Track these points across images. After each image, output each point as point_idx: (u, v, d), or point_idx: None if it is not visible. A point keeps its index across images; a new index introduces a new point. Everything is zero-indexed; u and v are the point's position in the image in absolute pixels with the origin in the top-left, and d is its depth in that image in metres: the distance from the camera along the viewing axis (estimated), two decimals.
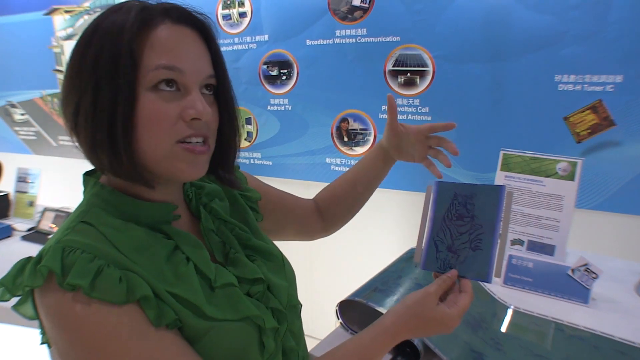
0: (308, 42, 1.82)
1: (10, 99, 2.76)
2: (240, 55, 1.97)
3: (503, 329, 0.84)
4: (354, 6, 1.69)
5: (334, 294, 1.10)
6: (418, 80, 1.65)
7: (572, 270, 0.97)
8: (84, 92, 0.50)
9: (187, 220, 0.64)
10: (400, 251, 1.15)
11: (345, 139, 1.85)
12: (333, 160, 1.90)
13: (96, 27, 0.51)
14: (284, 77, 1.91)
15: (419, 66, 1.64)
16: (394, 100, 0.82)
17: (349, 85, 1.78)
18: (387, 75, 1.70)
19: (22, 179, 1.90)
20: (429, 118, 1.67)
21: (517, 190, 1.18)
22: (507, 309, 0.91)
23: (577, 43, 1.40)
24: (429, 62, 1.62)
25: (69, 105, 0.52)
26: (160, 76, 0.50)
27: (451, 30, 1.56)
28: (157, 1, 0.55)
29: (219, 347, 0.54)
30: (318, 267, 2.11)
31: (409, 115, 1.70)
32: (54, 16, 2.45)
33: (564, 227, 1.12)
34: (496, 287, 1.01)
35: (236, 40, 1.96)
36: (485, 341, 0.78)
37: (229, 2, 1.93)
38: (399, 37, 1.65)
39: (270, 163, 2.03)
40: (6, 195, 1.88)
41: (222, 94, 0.58)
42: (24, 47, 2.60)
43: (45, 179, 1.95)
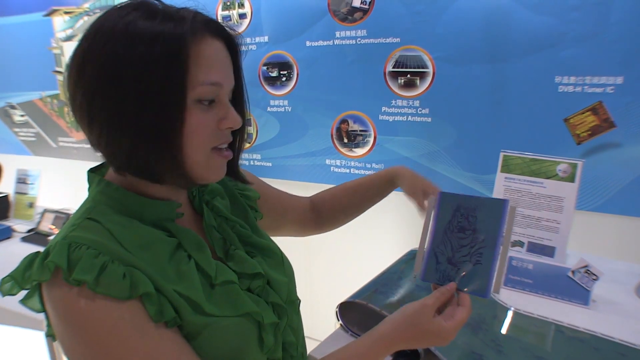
0: (308, 43, 1.82)
1: (10, 100, 2.76)
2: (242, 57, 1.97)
3: (503, 330, 0.84)
4: (354, 7, 1.69)
5: (333, 295, 1.09)
6: (418, 81, 1.65)
7: (573, 272, 0.97)
8: (128, 106, 0.50)
9: (190, 217, 0.66)
10: (400, 252, 1.15)
11: (345, 140, 1.85)
12: (333, 161, 1.90)
13: (132, 34, 0.50)
14: (284, 79, 1.90)
15: (419, 67, 1.64)
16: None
17: (349, 86, 1.78)
18: (387, 77, 1.70)
19: (21, 180, 1.90)
20: (429, 119, 1.67)
21: (517, 192, 1.18)
22: (507, 310, 0.91)
23: (578, 44, 1.40)
24: (429, 64, 1.62)
25: (100, 118, 0.52)
26: (208, 92, 0.54)
27: (451, 31, 1.56)
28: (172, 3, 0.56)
29: (217, 342, 0.55)
30: (317, 268, 2.11)
31: (409, 116, 1.70)
32: (53, 17, 2.45)
33: (564, 229, 1.12)
34: None
35: None
36: (485, 343, 0.78)
37: (228, 4, 1.93)
38: (399, 39, 1.65)
39: (270, 164, 2.03)
40: (6, 197, 1.88)
41: (238, 101, 0.62)
42: (24, 48, 2.60)
43: (45, 180, 1.95)
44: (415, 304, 0.60)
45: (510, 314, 0.90)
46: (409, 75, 1.66)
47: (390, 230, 1.85)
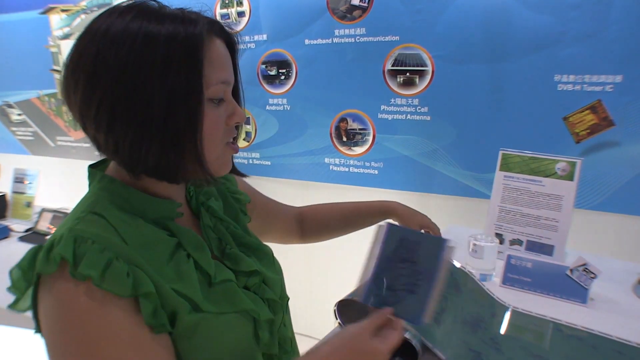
0: (307, 41, 1.81)
1: (7, 99, 2.75)
2: (239, 54, 1.97)
3: (502, 329, 0.84)
4: (353, 5, 1.69)
5: (331, 293, 1.09)
6: (417, 80, 1.65)
7: (571, 271, 0.97)
8: (149, 108, 0.51)
9: (188, 217, 0.67)
10: None
11: (344, 138, 1.85)
12: (332, 160, 1.90)
13: (147, 36, 0.51)
14: (283, 77, 1.90)
15: (418, 66, 1.64)
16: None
17: (347, 85, 1.78)
18: (386, 75, 1.70)
19: (19, 179, 1.89)
20: (428, 118, 1.66)
21: (516, 190, 1.18)
22: (506, 309, 0.91)
23: (577, 43, 1.40)
24: (428, 62, 1.62)
25: (119, 124, 0.52)
26: (219, 91, 0.56)
27: (451, 30, 1.55)
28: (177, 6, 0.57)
29: (214, 338, 0.57)
30: (316, 267, 2.11)
31: (408, 115, 1.70)
32: (50, 15, 2.43)
33: (563, 227, 1.12)
34: (495, 287, 1.01)
35: None
36: (484, 341, 0.78)
37: (227, 2, 1.92)
38: (398, 37, 1.64)
39: (269, 163, 2.03)
40: (3, 196, 1.87)
41: (236, 98, 0.64)
42: (20, 46, 2.58)
43: (43, 180, 1.95)
44: (354, 327, 0.61)
45: (508, 313, 0.90)
46: (408, 74, 1.66)
47: None
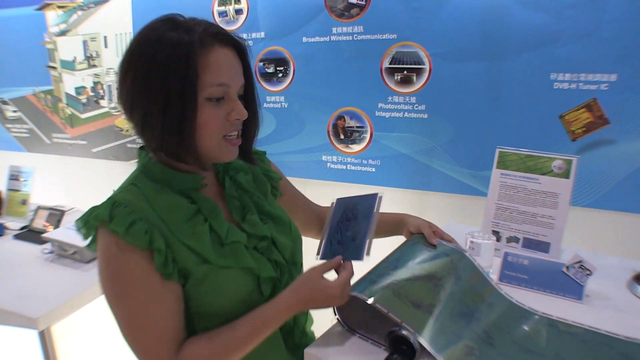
0: (304, 39, 1.81)
1: (2, 96, 2.73)
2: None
3: (497, 322, 0.84)
4: (351, 3, 1.69)
5: None
6: (415, 78, 1.65)
7: (567, 268, 0.97)
8: (153, 101, 0.66)
9: (215, 188, 0.82)
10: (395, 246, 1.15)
11: (342, 136, 1.85)
12: (329, 157, 1.90)
13: (159, 46, 0.65)
14: (280, 75, 1.90)
15: (415, 64, 1.64)
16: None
17: (345, 82, 1.78)
18: (383, 73, 1.70)
19: (14, 177, 1.88)
20: (426, 116, 1.67)
21: (512, 188, 1.18)
22: (504, 298, 0.91)
23: (573, 42, 1.41)
24: (425, 60, 1.62)
25: (136, 110, 0.69)
26: (216, 92, 0.68)
27: (448, 28, 1.56)
28: (190, 16, 0.72)
29: (221, 287, 0.71)
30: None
31: (406, 113, 1.70)
32: (46, 11, 2.42)
33: (559, 225, 1.13)
34: None
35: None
36: (477, 334, 0.78)
37: None
38: (395, 35, 1.65)
39: None
40: None
41: (249, 97, 0.77)
42: (15, 42, 2.57)
43: (39, 177, 1.94)
44: (307, 272, 0.75)
45: (505, 306, 0.90)
46: (405, 72, 1.66)
47: None
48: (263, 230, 0.79)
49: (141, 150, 0.77)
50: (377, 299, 0.75)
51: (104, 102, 2.40)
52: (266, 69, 1.92)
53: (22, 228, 1.70)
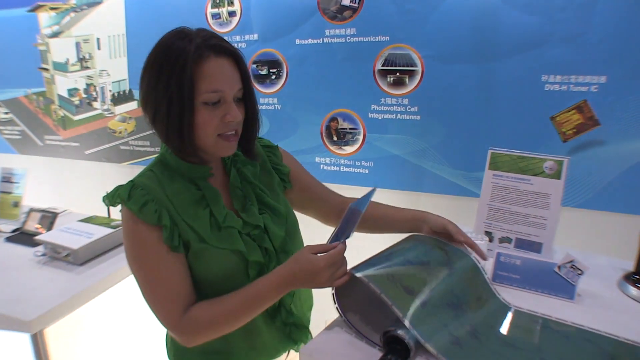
0: (297, 41, 1.82)
1: None
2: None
3: (484, 317, 0.84)
4: (344, 6, 1.70)
5: (326, 291, 1.10)
6: (407, 79, 1.66)
7: (559, 267, 0.98)
8: (160, 103, 0.77)
9: (222, 178, 0.92)
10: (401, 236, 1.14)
11: (335, 138, 1.86)
12: (322, 159, 1.90)
13: (166, 54, 0.76)
14: (274, 77, 1.90)
15: (408, 66, 1.65)
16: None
17: (338, 84, 1.79)
18: (376, 75, 1.71)
19: (6, 179, 1.87)
20: (418, 117, 1.68)
21: (505, 189, 1.20)
22: (493, 295, 0.92)
23: (563, 44, 1.43)
24: (418, 62, 1.63)
25: (149, 109, 0.81)
26: (211, 98, 0.78)
27: (440, 30, 1.57)
28: (199, 28, 0.81)
29: (214, 264, 0.83)
30: None
31: (398, 114, 1.71)
32: (38, 13, 2.41)
33: (551, 225, 1.14)
34: None
35: (225, 39, 1.95)
36: (463, 326, 0.79)
37: (218, 1, 1.92)
38: (388, 37, 1.66)
39: None
40: None
41: (248, 99, 0.85)
42: (7, 44, 2.55)
43: (31, 179, 1.92)
44: (301, 249, 0.82)
45: (494, 303, 0.91)
46: (398, 74, 1.67)
47: None
48: (257, 220, 0.88)
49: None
50: (371, 278, 0.76)
51: (97, 104, 2.39)
52: (259, 71, 1.93)
53: (14, 230, 1.68)
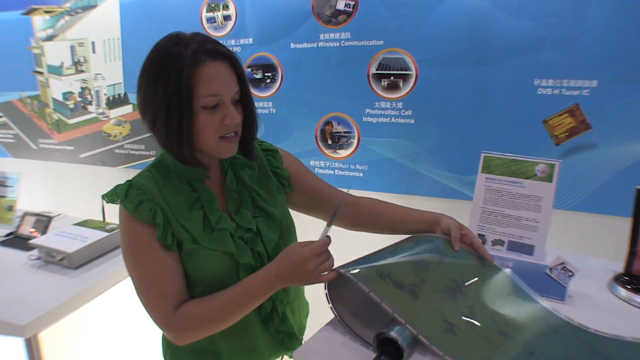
0: (292, 45, 1.83)
1: None
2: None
3: (483, 299, 0.85)
4: (338, 10, 1.71)
5: (321, 291, 1.10)
6: (401, 83, 1.68)
7: (550, 269, 0.99)
8: (159, 109, 0.78)
9: (219, 180, 0.93)
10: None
11: (329, 141, 1.87)
12: (317, 163, 1.91)
13: (163, 59, 0.77)
14: (268, 80, 1.91)
15: (402, 70, 1.66)
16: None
17: (332, 88, 1.80)
18: (370, 79, 1.73)
19: (0, 182, 1.86)
20: (412, 121, 1.69)
21: (497, 192, 1.21)
22: (496, 269, 0.93)
23: (556, 48, 1.45)
24: (412, 66, 1.65)
25: (147, 116, 0.81)
26: (209, 102, 0.78)
27: (434, 34, 1.58)
28: (196, 32, 0.82)
29: (205, 264, 0.84)
30: None
31: (393, 118, 1.72)
32: (32, 16, 2.40)
33: (543, 228, 1.15)
34: None
35: (221, 42, 1.95)
36: (460, 309, 0.79)
37: (213, 5, 1.93)
38: (382, 41, 1.67)
39: None
40: None
41: (245, 101, 0.86)
42: (1, 47, 2.54)
43: (25, 183, 1.92)
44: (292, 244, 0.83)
45: (501, 281, 0.91)
46: (392, 78, 1.69)
47: None
48: (250, 223, 0.89)
49: None
50: (359, 277, 0.77)
51: (92, 108, 2.38)
52: (254, 75, 1.93)
53: (8, 234, 1.68)
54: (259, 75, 1.92)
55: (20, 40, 2.46)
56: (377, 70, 1.70)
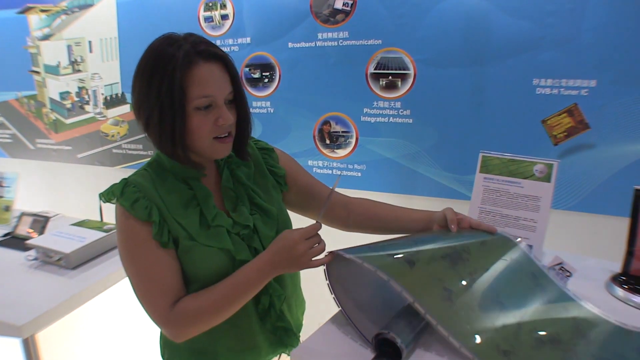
0: (290, 44, 1.82)
1: None
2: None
3: (484, 264, 0.84)
4: (336, 9, 1.71)
5: (319, 290, 1.10)
6: (399, 83, 1.67)
7: (548, 269, 0.99)
8: (152, 110, 0.78)
9: (215, 179, 0.93)
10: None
11: (327, 141, 1.86)
12: (315, 162, 1.91)
13: (156, 61, 0.77)
14: (266, 80, 1.91)
15: (400, 69, 1.66)
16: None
17: (331, 88, 1.80)
18: (368, 78, 1.72)
19: None
20: (410, 120, 1.69)
21: (496, 192, 1.21)
22: (507, 239, 0.92)
23: (554, 48, 1.45)
24: (410, 66, 1.64)
25: (141, 116, 0.82)
26: (202, 103, 0.79)
27: (432, 34, 1.58)
28: (191, 33, 0.82)
29: (201, 261, 0.84)
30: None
31: (391, 118, 1.72)
32: (28, 15, 2.39)
33: (541, 228, 1.15)
34: None
35: (218, 42, 1.95)
36: (460, 275, 0.78)
37: (211, 4, 1.92)
38: (380, 41, 1.67)
39: None
40: None
41: (239, 101, 0.86)
42: None
43: (22, 183, 1.91)
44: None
45: (508, 248, 0.91)
46: (390, 77, 1.68)
47: None
48: (247, 220, 0.90)
49: None
50: (352, 252, 0.77)
51: (89, 108, 2.38)
52: (252, 75, 1.93)
53: (6, 235, 1.67)
54: (257, 75, 1.92)
55: (16, 39, 2.45)
56: (375, 69, 1.70)
